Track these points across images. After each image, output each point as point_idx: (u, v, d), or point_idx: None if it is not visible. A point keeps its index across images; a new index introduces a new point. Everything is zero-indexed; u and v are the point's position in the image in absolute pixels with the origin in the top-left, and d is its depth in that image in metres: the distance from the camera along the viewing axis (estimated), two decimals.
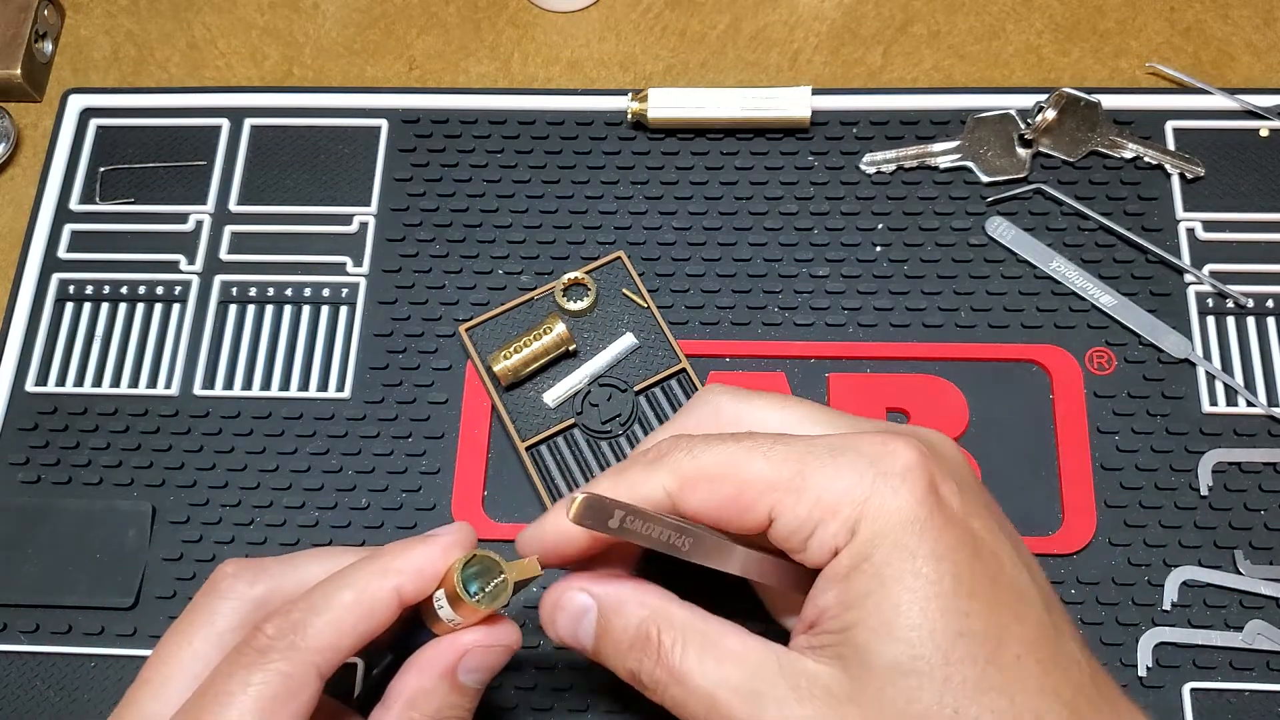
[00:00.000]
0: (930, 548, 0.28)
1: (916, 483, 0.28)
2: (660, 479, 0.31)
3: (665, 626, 0.30)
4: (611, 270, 0.45)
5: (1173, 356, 0.44)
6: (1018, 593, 0.29)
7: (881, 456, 0.29)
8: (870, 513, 0.28)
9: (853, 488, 0.28)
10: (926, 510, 0.28)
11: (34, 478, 0.44)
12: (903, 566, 0.28)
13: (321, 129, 0.50)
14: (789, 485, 0.29)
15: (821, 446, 0.29)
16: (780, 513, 0.29)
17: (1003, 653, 0.28)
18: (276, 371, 0.45)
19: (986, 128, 0.48)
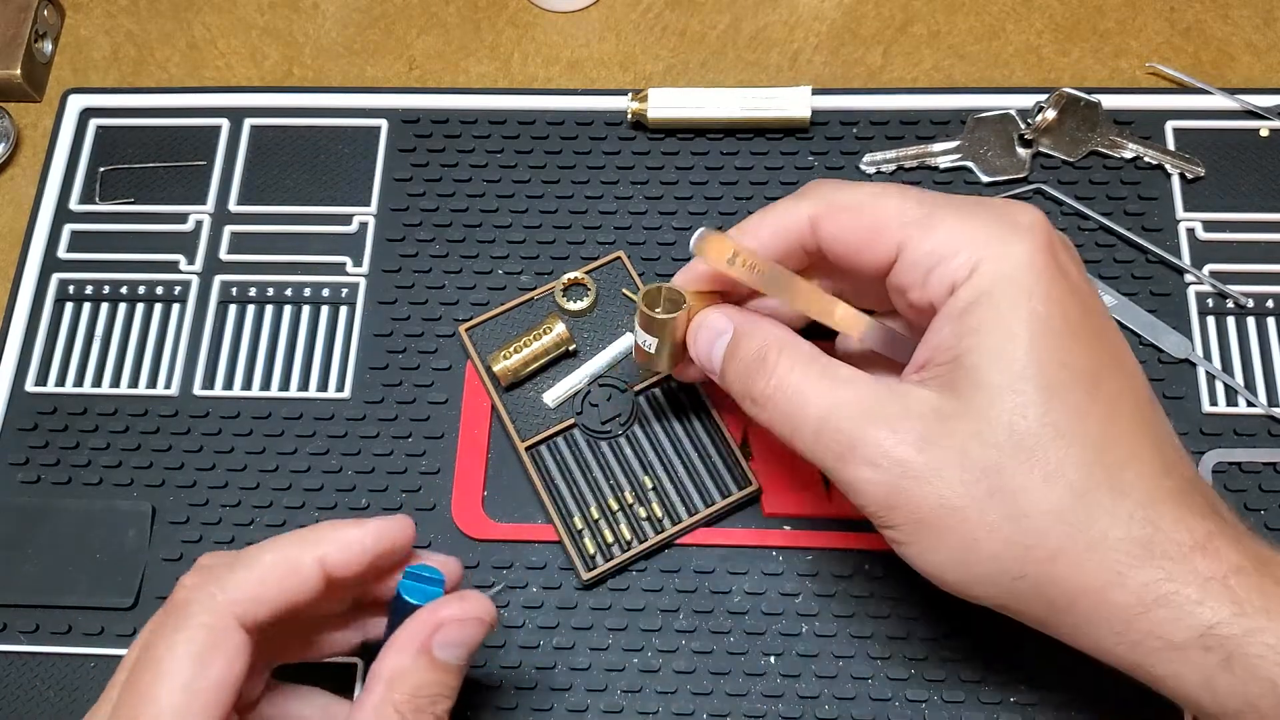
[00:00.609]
0: (1045, 290, 0.30)
1: (1038, 237, 0.31)
2: (805, 206, 0.34)
3: (785, 351, 0.33)
4: (611, 270, 0.45)
5: (1173, 356, 0.44)
6: (1117, 349, 0.32)
7: (1009, 210, 0.31)
8: (993, 254, 0.31)
9: (979, 230, 0.31)
10: (1044, 260, 0.30)
11: (34, 478, 0.44)
12: (1019, 302, 0.30)
13: (321, 129, 0.50)
14: (921, 222, 0.32)
15: (954, 199, 0.32)
16: (909, 245, 0.32)
17: (1101, 388, 0.30)
18: (276, 371, 0.45)
19: (986, 128, 0.48)
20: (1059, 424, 0.30)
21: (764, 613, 0.41)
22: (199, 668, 0.29)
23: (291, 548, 0.32)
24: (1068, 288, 0.31)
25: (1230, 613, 0.28)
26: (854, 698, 0.39)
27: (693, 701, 0.40)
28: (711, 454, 0.42)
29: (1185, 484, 0.30)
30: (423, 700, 0.31)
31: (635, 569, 0.42)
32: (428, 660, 0.32)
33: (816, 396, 0.32)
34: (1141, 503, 0.29)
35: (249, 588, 0.31)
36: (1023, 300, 0.30)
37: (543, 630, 0.41)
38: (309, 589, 0.32)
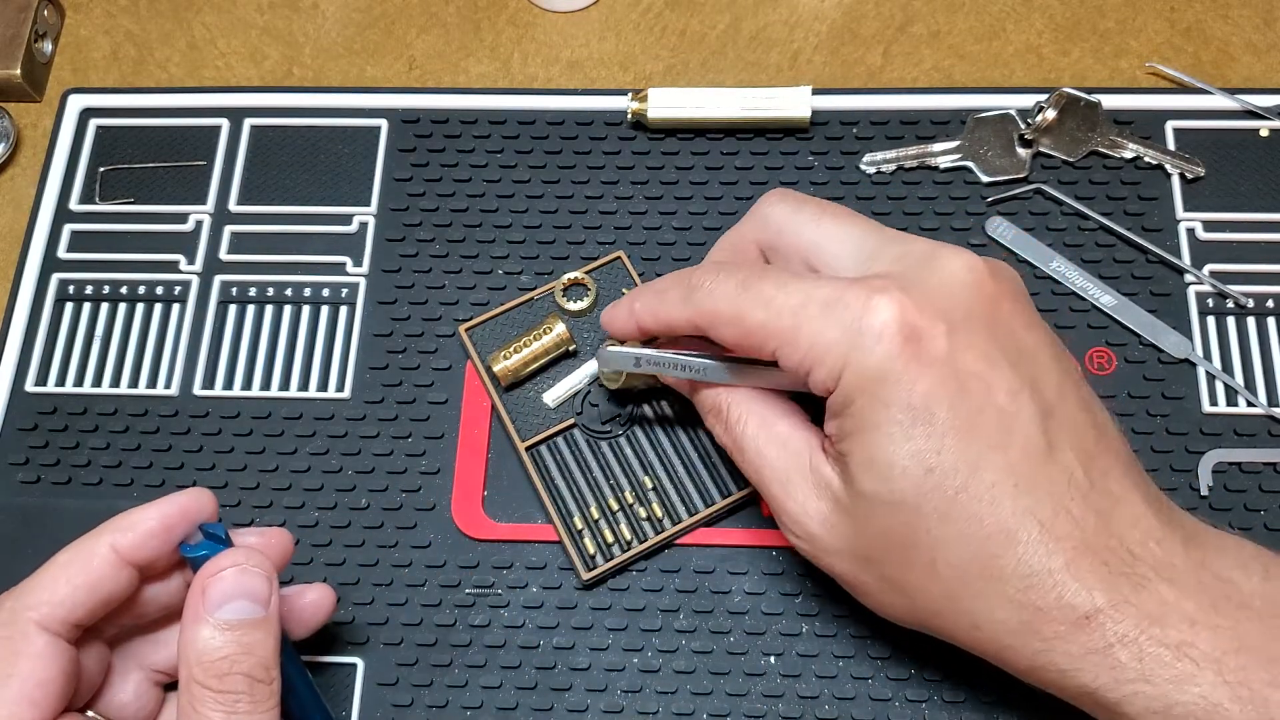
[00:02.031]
0: (903, 398, 0.31)
1: (892, 339, 0.31)
2: (688, 314, 0.36)
3: (734, 402, 0.36)
4: (611, 270, 0.45)
5: (1173, 356, 0.44)
6: (1003, 420, 0.31)
7: (864, 314, 0.32)
8: (850, 365, 0.32)
9: (835, 344, 0.32)
10: (901, 364, 0.31)
11: (34, 478, 0.44)
12: (878, 415, 0.31)
13: (321, 129, 0.50)
14: (785, 336, 0.33)
15: (817, 300, 0.33)
16: (780, 357, 0.34)
17: (975, 482, 0.31)
18: (276, 371, 0.45)
19: (986, 128, 0.48)
20: (930, 529, 0.31)
21: (764, 613, 0.41)
22: (2, 679, 0.30)
23: (83, 541, 0.33)
24: (932, 382, 0.31)
25: (1110, 679, 0.30)
26: (854, 698, 0.39)
27: (693, 701, 0.40)
28: (711, 454, 0.42)
29: (1077, 548, 0.31)
30: (223, 666, 0.30)
31: (635, 569, 0.42)
32: (211, 625, 0.31)
33: (754, 453, 0.36)
34: (1020, 587, 0.31)
35: (43, 591, 0.32)
36: (881, 412, 0.31)
37: (543, 630, 0.41)
38: (110, 576, 0.32)
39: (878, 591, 0.34)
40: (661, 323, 0.37)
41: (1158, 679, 0.29)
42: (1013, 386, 0.32)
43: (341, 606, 0.42)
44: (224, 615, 0.31)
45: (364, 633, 0.41)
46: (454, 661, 0.41)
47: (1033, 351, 0.33)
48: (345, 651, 0.41)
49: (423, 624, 0.41)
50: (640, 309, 0.37)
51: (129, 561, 0.33)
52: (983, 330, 0.32)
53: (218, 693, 0.30)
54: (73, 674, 0.32)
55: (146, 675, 0.35)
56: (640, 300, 0.37)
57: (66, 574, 0.32)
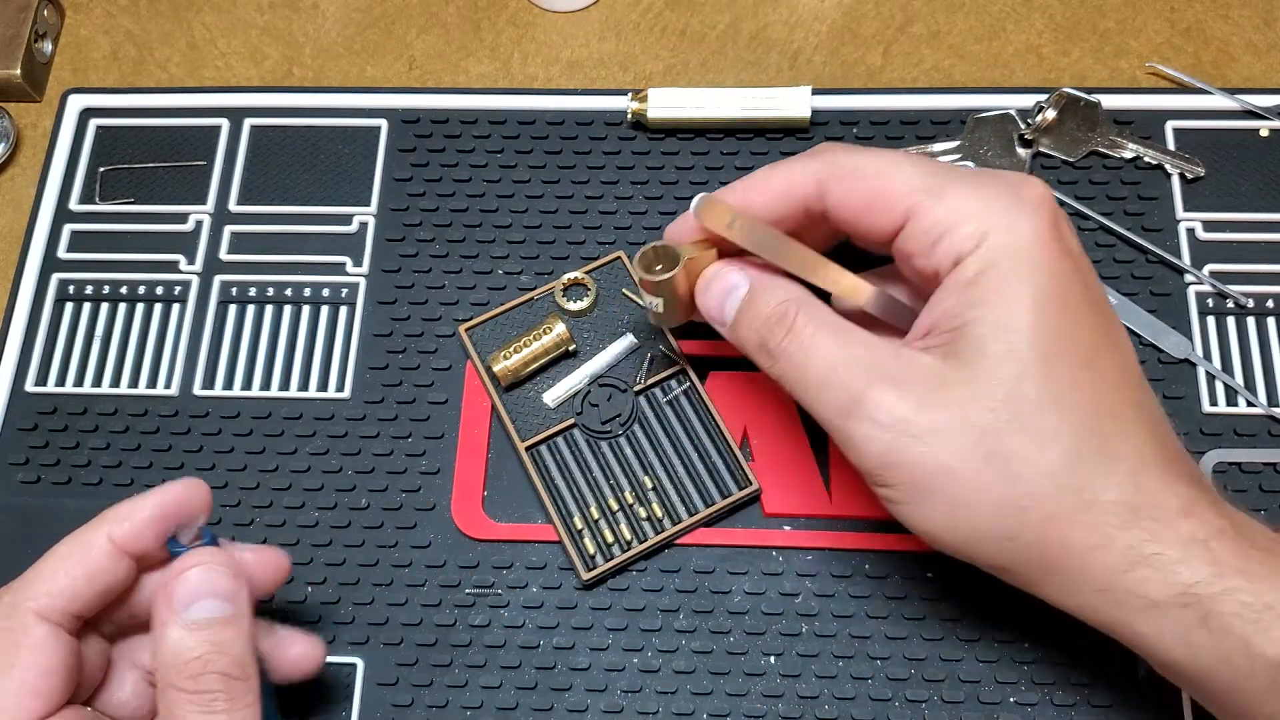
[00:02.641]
0: (1050, 266, 0.31)
1: (1045, 213, 0.32)
2: (813, 167, 0.34)
3: (804, 309, 0.34)
4: (611, 270, 0.45)
5: (1173, 356, 0.44)
6: (1112, 327, 0.33)
7: (1017, 185, 0.32)
8: (1001, 227, 0.31)
9: (988, 203, 0.32)
10: (1050, 236, 0.31)
11: (34, 478, 0.44)
12: (1024, 275, 0.31)
13: (321, 129, 0.50)
14: (931, 190, 0.32)
15: (964, 171, 0.33)
16: (918, 213, 0.32)
17: (1097, 362, 0.31)
18: (276, 371, 0.45)
19: (986, 128, 0.48)
20: (1056, 393, 0.31)
21: (764, 613, 0.41)
22: (4, 669, 0.30)
23: (81, 533, 0.33)
24: (1070, 265, 0.32)
25: (1209, 573, 0.30)
26: (854, 698, 0.39)
27: (693, 701, 0.40)
28: (711, 454, 0.42)
29: (1173, 454, 0.32)
30: (196, 666, 0.30)
31: (635, 569, 0.42)
32: (180, 626, 0.31)
33: (828, 350, 0.33)
34: (1131, 469, 0.31)
35: (42, 582, 0.32)
36: (1027, 274, 0.31)
37: (543, 630, 0.41)
38: (108, 567, 0.32)
39: (974, 472, 0.31)
40: (781, 181, 0.35)
41: (1255, 574, 0.30)
42: (1111, 311, 0.33)
43: (341, 606, 0.42)
44: (192, 615, 0.31)
45: (364, 633, 0.41)
46: (454, 661, 0.41)
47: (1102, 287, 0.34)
48: (345, 651, 0.41)
49: (423, 624, 0.41)
50: (757, 177, 0.36)
51: (126, 552, 0.33)
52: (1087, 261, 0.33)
53: (193, 694, 0.30)
54: (74, 665, 0.32)
55: (143, 675, 0.35)
56: (749, 176, 0.36)
57: (65, 565, 0.32)
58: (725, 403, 0.43)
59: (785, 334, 0.34)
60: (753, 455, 0.43)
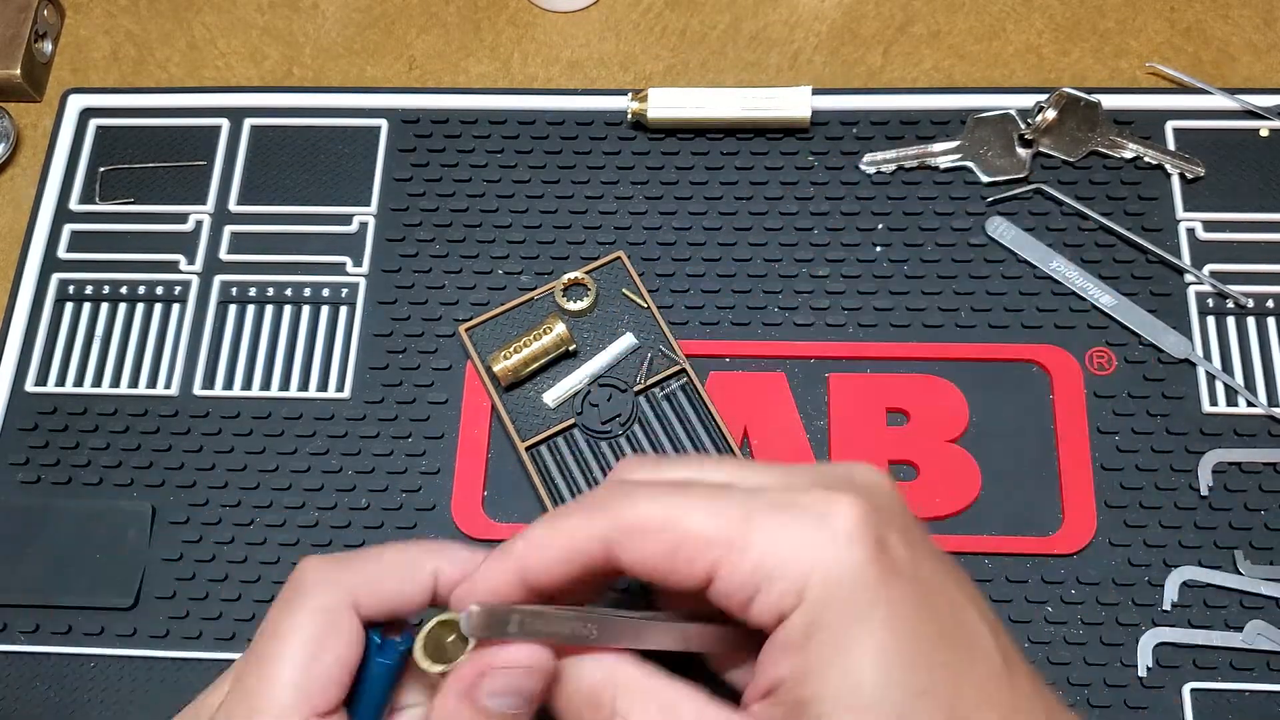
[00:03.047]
0: (884, 611, 0.27)
1: (864, 541, 0.27)
2: (598, 526, 0.29)
3: (621, 691, 0.29)
4: (611, 270, 0.45)
5: (1173, 356, 0.44)
6: (969, 637, 0.28)
7: (827, 515, 0.28)
8: (819, 578, 0.27)
9: (799, 550, 0.27)
10: (876, 571, 0.27)
11: (34, 478, 0.44)
12: (860, 633, 0.27)
13: (321, 129, 0.50)
14: (732, 543, 0.28)
15: (764, 501, 0.28)
16: (722, 572, 0.28)
17: (960, 705, 0.27)
18: (276, 371, 0.45)
19: (986, 128, 0.48)
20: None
21: None
22: (316, 650, 0.29)
23: (412, 550, 0.31)
24: (905, 594, 0.27)
25: None
26: None
27: None
28: (711, 454, 0.42)
29: None
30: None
31: None
32: (472, 706, 0.29)
33: None
34: None
35: (365, 574, 0.30)
36: (864, 630, 0.27)
37: None
38: (419, 595, 0.30)
39: None
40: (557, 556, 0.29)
41: None
42: (963, 603, 0.29)
43: None
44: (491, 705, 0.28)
45: None
46: None
47: (954, 567, 0.30)
48: None
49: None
50: (525, 546, 0.29)
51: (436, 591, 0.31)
52: (922, 539, 0.29)
53: None
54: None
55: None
56: (522, 539, 0.29)
57: (395, 573, 0.30)
58: (725, 403, 0.43)
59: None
60: (753, 455, 0.43)
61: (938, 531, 0.42)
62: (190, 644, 0.41)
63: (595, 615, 0.29)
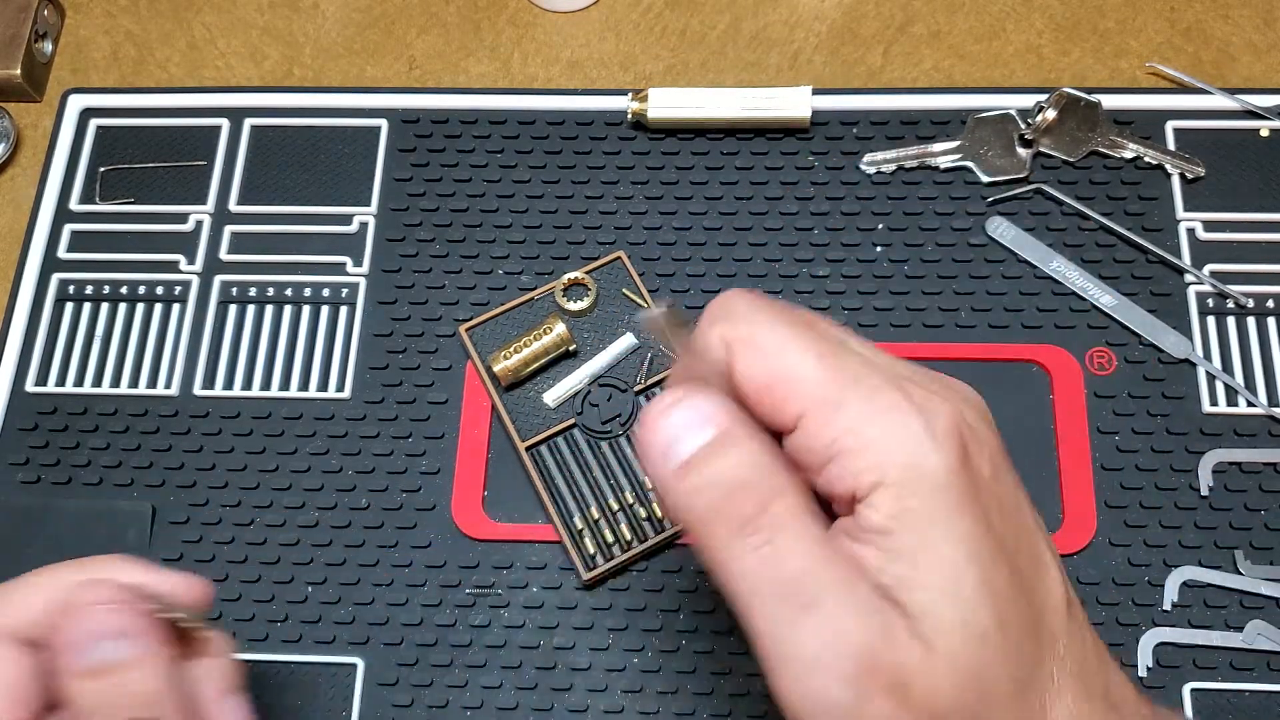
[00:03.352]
0: (971, 512, 0.27)
1: (954, 449, 0.27)
2: (722, 333, 0.28)
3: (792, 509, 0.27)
4: (611, 270, 0.45)
5: (1173, 356, 0.44)
6: (1041, 563, 0.29)
7: (927, 410, 0.27)
8: (906, 465, 0.26)
9: (891, 432, 0.27)
10: (963, 478, 0.27)
11: (34, 478, 0.44)
12: (950, 528, 0.26)
13: (321, 129, 0.50)
14: (827, 399, 0.27)
15: (874, 373, 0.27)
16: (808, 425, 0.27)
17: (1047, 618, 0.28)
18: (276, 371, 0.45)
19: (986, 128, 0.48)
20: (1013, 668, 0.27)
21: None
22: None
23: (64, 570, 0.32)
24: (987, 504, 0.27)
25: None
26: None
27: (694, 701, 0.40)
28: None
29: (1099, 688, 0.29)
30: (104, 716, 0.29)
31: (636, 569, 0.42)
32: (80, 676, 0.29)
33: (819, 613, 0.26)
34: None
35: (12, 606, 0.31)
36: (955, 525, 0.26)
37: (543, 630, 0.41)
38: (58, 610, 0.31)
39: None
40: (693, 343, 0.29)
41: None
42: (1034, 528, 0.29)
43: (341, 606, 0.42)
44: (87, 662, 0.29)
45: (364, 633, 0.41)
46: (454, 661, 0.41)
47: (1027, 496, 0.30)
48: (345, 651, 0.41)
49: (423, 624, 0.41)
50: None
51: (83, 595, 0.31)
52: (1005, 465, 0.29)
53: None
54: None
55: None
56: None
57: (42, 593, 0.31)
58: None
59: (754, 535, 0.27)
60: None
61: None
62: None
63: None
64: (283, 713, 0.40)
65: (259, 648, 0.41)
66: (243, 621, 0.42)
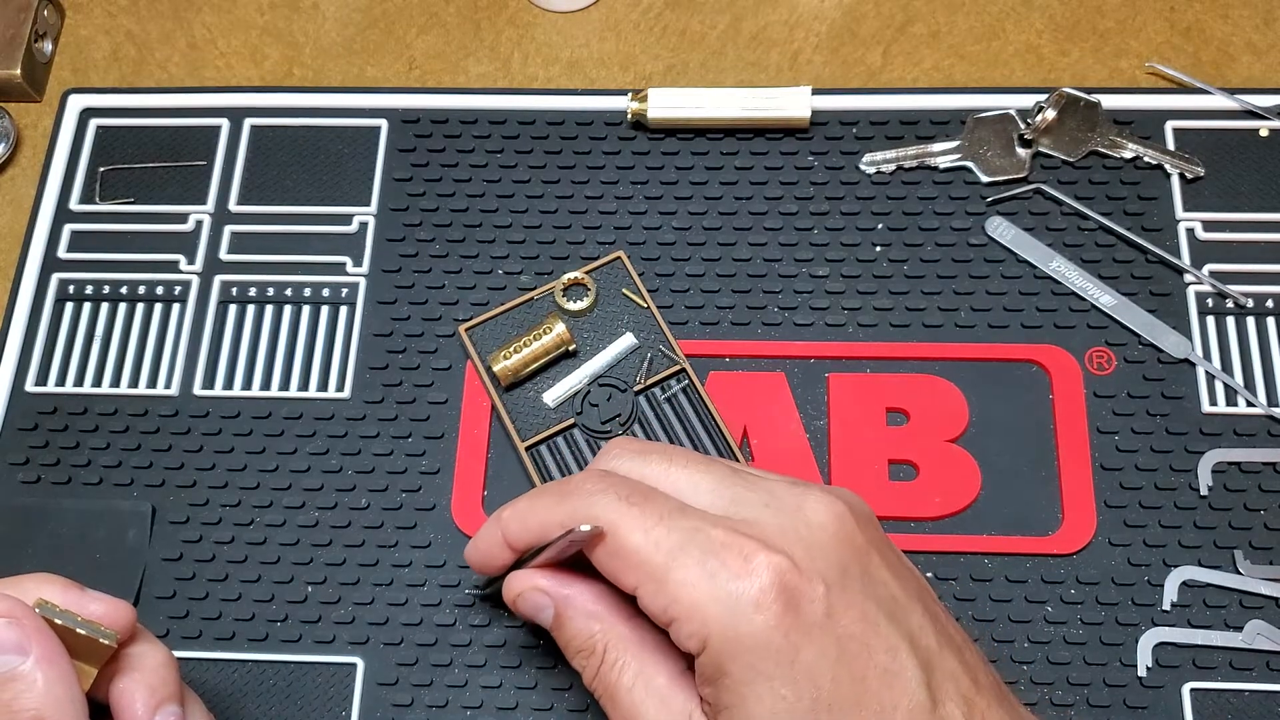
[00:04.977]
0: (787, 671, 0.29)
1: (772, 606, 0.29)
2: (562, 516, 0.33)
3: (612, 644, 0.33)
4: (611, 270, 0.45)
5: (1173, 356, 0.44)
6: (888, 682, 0.30)
7: (741, 575, 0.30)
8: (720, 632, 0.29)
9: (707, 603, 0.30)
10: (782, 634, 0.29)
11: (34, 478, 0.44)
12: (760, 689, 0.29)
13: (321, 129, 0.50)
14: (653, 574, 0.30)
15: (697, 540, 0.30)
16: (642, 595, 0.31)
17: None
18: (276, 371, 0.45)
19: (986, 128, 0.48)
20: None
21: None
22: None
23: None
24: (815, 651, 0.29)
25: None
26: None
27: None
28: (711, 453, 0.42)
29: None
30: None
31: None
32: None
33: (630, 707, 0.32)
34: None
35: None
36: (764, 686, 0.29)
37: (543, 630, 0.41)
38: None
39: None
40: (531, 530, 0.34)
41: None
42: (892, 644, 0.30)
43: (341, 606, 0.42)
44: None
45: (364, 633, 0.41)
46: (454, 661, 0.41)
47: (904, 601, 0.31)
48: (345, 651, 0.41)
49: (423, 624, 0.41)
50: (509, 515, 0.35)
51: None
52: (858, 587, 0.31)
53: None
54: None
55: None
56: (510, 509, 0.35)
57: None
58: (725, 403, 0.43)
59: (594, 673, 0.33)
60: (753, 455, 0.43)
61: (937, 531, 0.42)
62: (190, 644, 0.41)
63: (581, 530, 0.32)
64: (283, 713, 0.40)
65: (259, 648, 0.41)
66: (243, 621, 0.42)
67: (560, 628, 0.34)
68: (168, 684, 0.32)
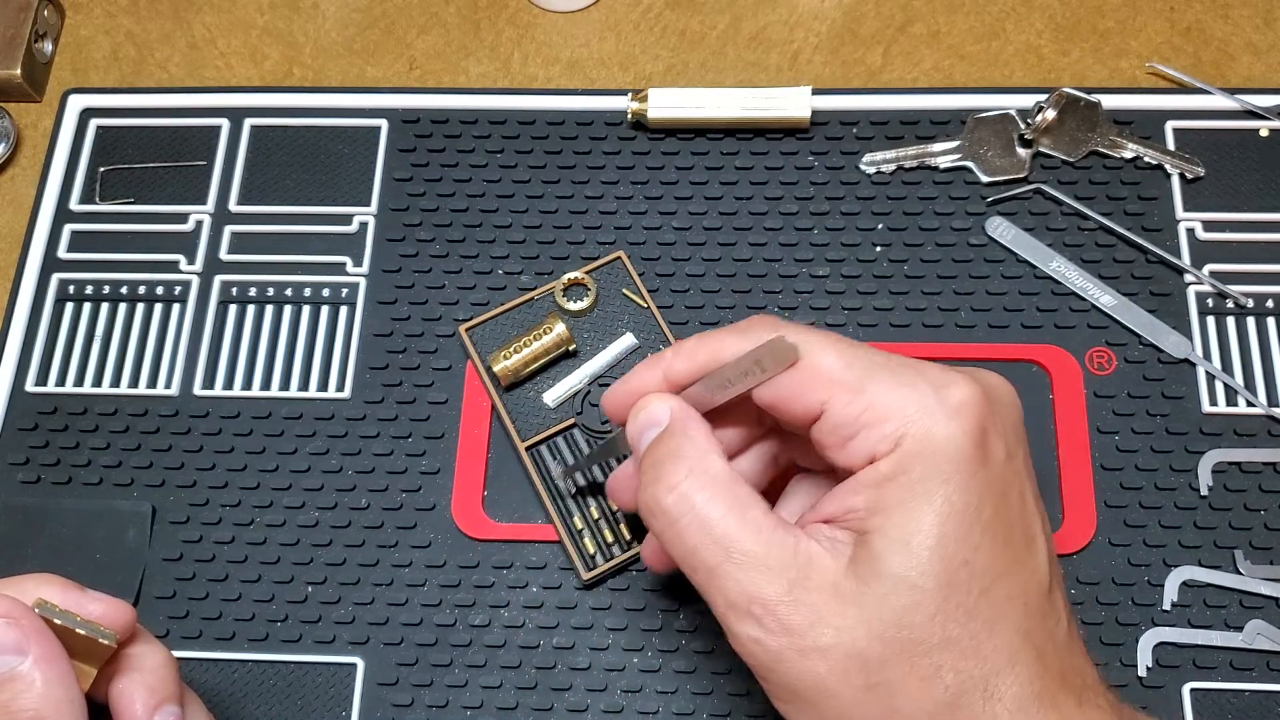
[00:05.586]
0: (963, 480, 0.29)
1: (967, 420, 0.30)
2: (745, 343, 0.32)
3: (698, 465, 0.32)
4: (611, 270, 0.45)
5: (1173, 356, 0.44)
6: (1028, 543, 0.31)
7: (943, 386, 0.30)
8: (917, 432, 0.30)
9: (907, 405, 0.30)
10: (970, 447, 0.30)
11: (34, 478, 0.44)
12: (934, 489, 0.29)
13: (321, 129, 0.50)
14: (850, 384, 0.31)
15: (890, 363, 0.31)
16: (833, 406, 0.31)
17: (997, 589, 0.30)
18: (276, 371, 0.45)
19: (986, 128, 0.48)
20: (947, 627, 0.29)
21: None
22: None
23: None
24: (987, 478, 0.30)
25: None
26: None
27: (693, 701, 0.40)
28: None
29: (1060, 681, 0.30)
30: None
31: (636, 569, 0.42)
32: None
33: (720, 530, 0.31)
34: (1010, 708, 0.29)
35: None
36: (939, 487, 0.29)
37: (543, 630, 0.41)
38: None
39: (854, 699, 0.30)
40: (699, 363, 0.33)
41: None
42: (1033, 517, 0.31)
43: (341, 606, 0.42)
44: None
45: (364, 633, 0.41)
46: (454, 661, 0.41)
47: (1038, 496, 0.32)
48: (345, 651, 0.41)
49: (423, 624, 0.41)
50: (674, 354, 0.34)
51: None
52: (1023, 457, 0.32)
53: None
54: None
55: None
56: (673, 350, 0.34)
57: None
58: None
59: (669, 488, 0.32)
60: None
61: None
62: (190, 644, 0.41)
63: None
64: (283, 713, 0.40)
65: (259, 648, 0.41)
66: (243, 621, 0.42)
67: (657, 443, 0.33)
68: (167, 684, 0.32)
